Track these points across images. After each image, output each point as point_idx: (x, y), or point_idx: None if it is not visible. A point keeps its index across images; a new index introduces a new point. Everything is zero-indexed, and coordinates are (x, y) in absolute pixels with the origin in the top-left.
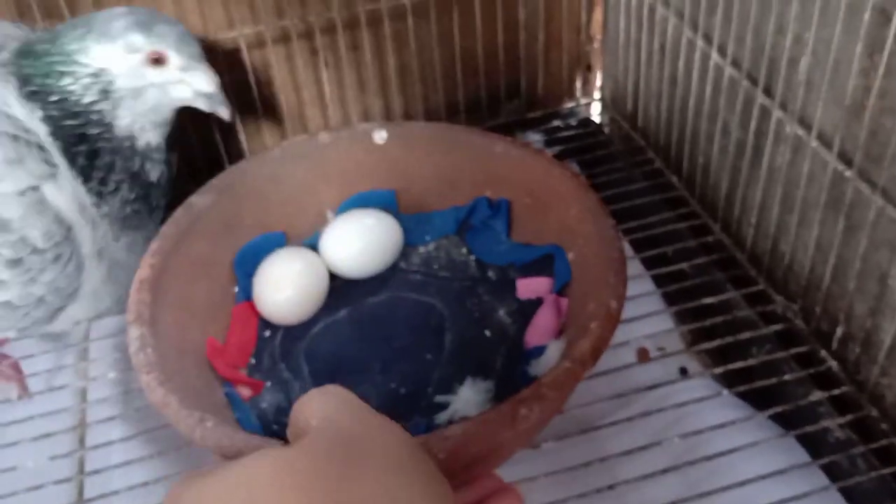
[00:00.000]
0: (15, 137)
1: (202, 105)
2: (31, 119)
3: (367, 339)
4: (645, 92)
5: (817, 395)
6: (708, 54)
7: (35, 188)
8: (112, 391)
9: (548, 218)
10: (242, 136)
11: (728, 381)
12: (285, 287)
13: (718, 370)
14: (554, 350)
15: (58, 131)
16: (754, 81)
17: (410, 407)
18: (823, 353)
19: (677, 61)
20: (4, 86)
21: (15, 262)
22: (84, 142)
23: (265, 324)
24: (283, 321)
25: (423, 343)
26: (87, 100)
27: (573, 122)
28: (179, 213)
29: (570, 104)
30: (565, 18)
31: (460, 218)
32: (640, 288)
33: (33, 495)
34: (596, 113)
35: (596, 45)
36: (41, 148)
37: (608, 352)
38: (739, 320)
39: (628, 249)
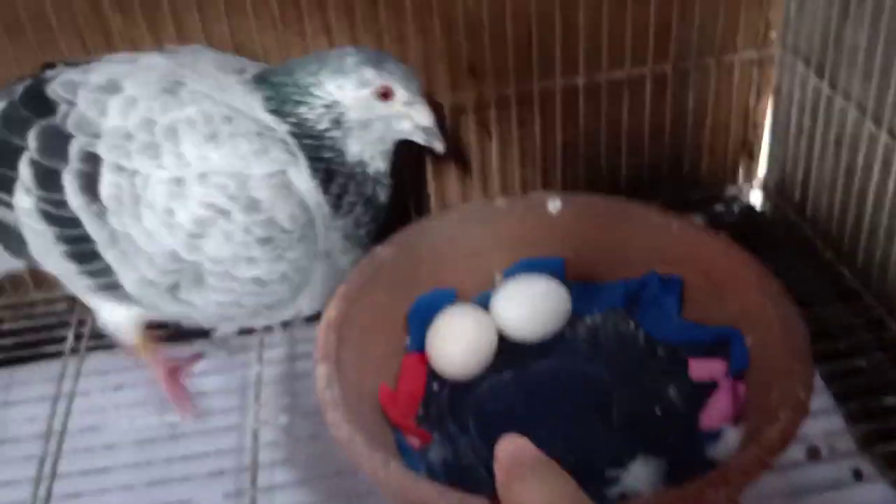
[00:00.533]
0: (259, 133)
1: (419, 138)
2: (276, 123)
3: (533, 403)
4: (816, 182)
5: None
6: (892, 149)
7: (282, 172)
8: (282, 435)
9: (724, 300)
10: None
11: None
12: (457, 342)
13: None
14: (731, 436)
15: (299, 143)
16: None
17: (577, 477)
18: None
19: (856, 153)
20: (252, 96)
21: (265, 240)
22: (322, 161)
23: (433, 377)
24: (452, 375)
25: (590, 414)
26: (320, 127)
27: (735, 207)
28: (365, 261)
29: (732, 189)
30: (734, 105)
31: (630, 292)
32: None
33: None
34: (758, 199)
35: (761, 132)
36: (284, 142)
37: None
38: None
39: None
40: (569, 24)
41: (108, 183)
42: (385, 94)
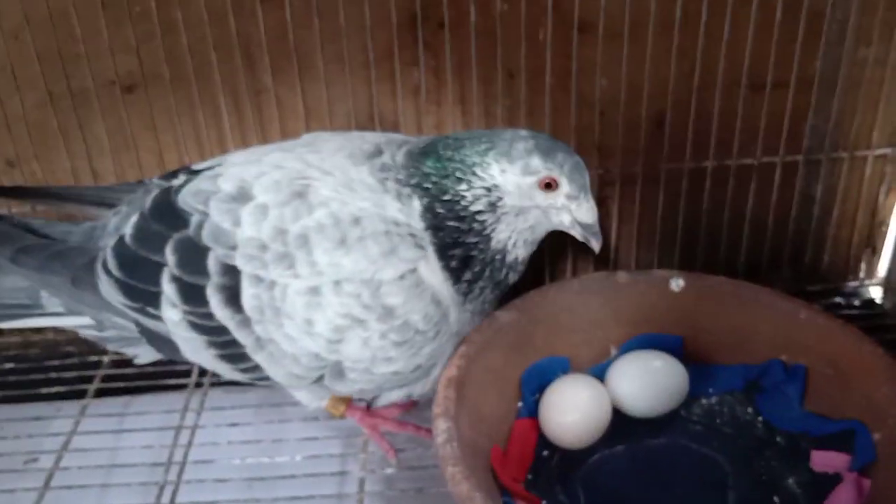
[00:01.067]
0: (387, 232)
1: (577, 233)
2: (408, 213)
3: (645, 481)
4: None
5: None
6: None
7: (412, 270)
8: (387, 487)
9: (850, 392)
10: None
11: None
12: (572, 411)
13: None
14: None
15: (437, 227)
16: None
17: None
18: None
19: None
20: (383, 192)
21: (401, 343)
22: (460, 247)
23: (544, 443)
24: (564, 444)
25: (705, 497)
26: (474, 208)
27: (855, 301)
28: (485, 324)
29: (852, 283)
30: (862, 200)
31: (750, 377)
32: None
33: None
34: (878, 295)
35: (885, 229)
36: (412, 235)
37: None
38: None
39: None
40: (703, 109)
41: (249, 295)
42: (549, 185)
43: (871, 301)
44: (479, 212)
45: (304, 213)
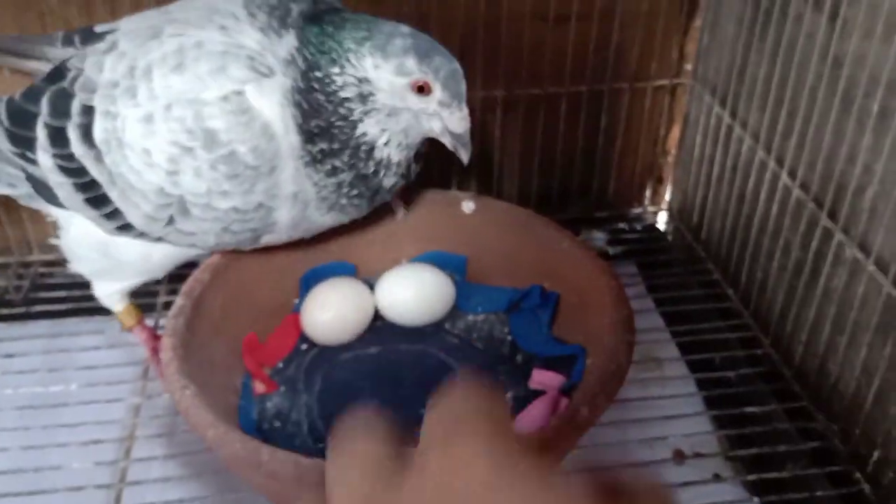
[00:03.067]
0: (223, 52)
1: (447, 142)
2: (268, 45)
3: (382, 378)
4: (712, 206)
5: None
6: (778, 176)
7: (238, 92)
8: (165, 410)
9: (586, 320)
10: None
11: (759, 490)
12: (328, 308)
13: (752, 477)
14: None
15: (302, 87)
16: (820, 204)
17: None
18: (858, 474)
19: (748, 180)
20: (248, 23)
21: (233, 176)
22: (319, 117)
23: (305, 339)
24: (318, 339)
25: (425, 398)
26: (343, 94)
27: (638, 226)
28: None
29: (637, 210)
30: (644, 130)
31: (513, 299)
32: (683, 389)
33: (73, 495)
34: (662, 222)
35: (670, 158)
36: (251, 58)
37: (644, 445)
38: (779, 432)
39: (675, 351)
40: (491, 41)
41: (99, 129)
42: (422, 89)
43: (653, 226)
44: (347, 99)
45: (154, 49)
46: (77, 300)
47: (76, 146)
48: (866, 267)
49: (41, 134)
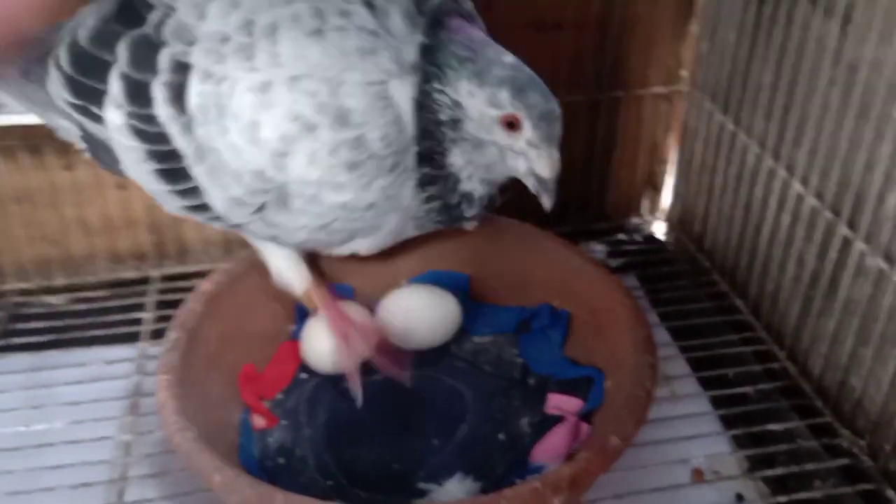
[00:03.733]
0: (374, 33)
1: (530, 184)
2: (408, 43)
3: (388, 407)
4: (715, 215)
5: None
6: (789, 184)
7: (383, 82)
8: (158, 448)
9: (601, 340)
10: None
11: None
12: (329, 336)
13: (781, 499)
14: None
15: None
16: (837, 213)
17: (395, 483)
18: (891, 492)
19: (754, 189)
20: (404, 15)
21: (353, 165)
22: (423, 138)
23: (305, 367)
24: (319, 368)
25: (437, 428)
26: (440, 116)
27: (638, 237)
28: None
29: (636, 220)
30: (642, 139)
31: (522, 319)
32: (696, 407)
33: None
34: (661, 231)
35: (666, 167)
36: (398, 49)
37: (662, 467)
38: (803, 450)
39: (685, 368)
40: None
41: (195, 92)
42: (512, 125)
43: (652, 236)
44: (442, 122)
45: (281, 4)
46: (57, 331)
47: (161, 107)
48: (891, 277)
49: (115, 86)
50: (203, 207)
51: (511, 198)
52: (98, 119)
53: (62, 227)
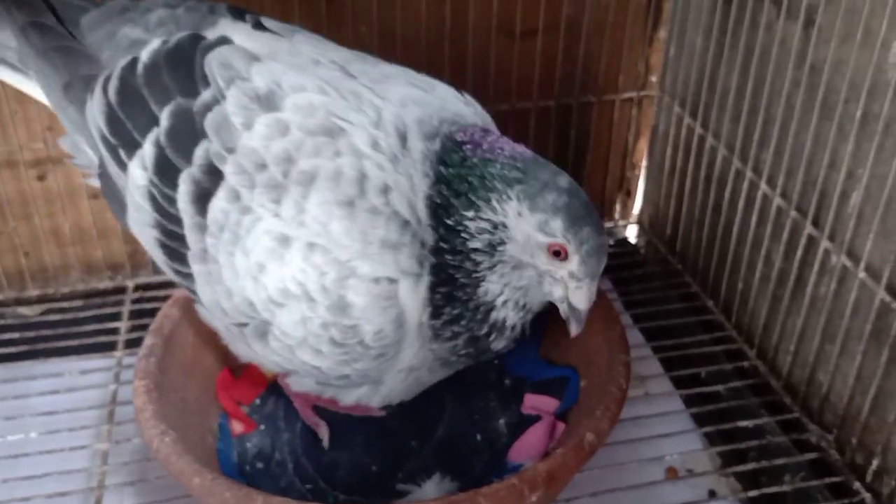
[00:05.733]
0: (405, 224)
1: (561, 309)
2: (431, 220)
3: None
4: (686, 218)
5: None
6: (756, 185)
7: (393, 281)
8: (134, 456)
9: (575, 341)
10: None
11: None
12: None
13: (752, 493)
14: None
15: (439, 256)
16: (803, 213)
17: (374, 485)
18: (857, 484)
19: (723, 190)
20: (422, 178)
21: (338, 344)
22: (447, 284)
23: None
24: None
25: (414, 430)
26: (472, 245)
27: (610, 241)
28: None
29: (608, 224)
30: (613, 143)
31: None
32: (669, 406)
33: None
34: (633, 235)
35: (638, 171)
36: (423, 245)
37: (637, 466)
38: (773, 446)
39: (658, 367)
40: (457, 56)
41: (218, 207)
42: (558, 254)
43: (625, 239)
44: (476, 250)
45: (327, 154)
46: (31, 342)
47: (182, 199)
48: (856, 274)
49: (149, 149)
50: (192, 290)
51: None
52: (123, 166)
53: (34, 238)
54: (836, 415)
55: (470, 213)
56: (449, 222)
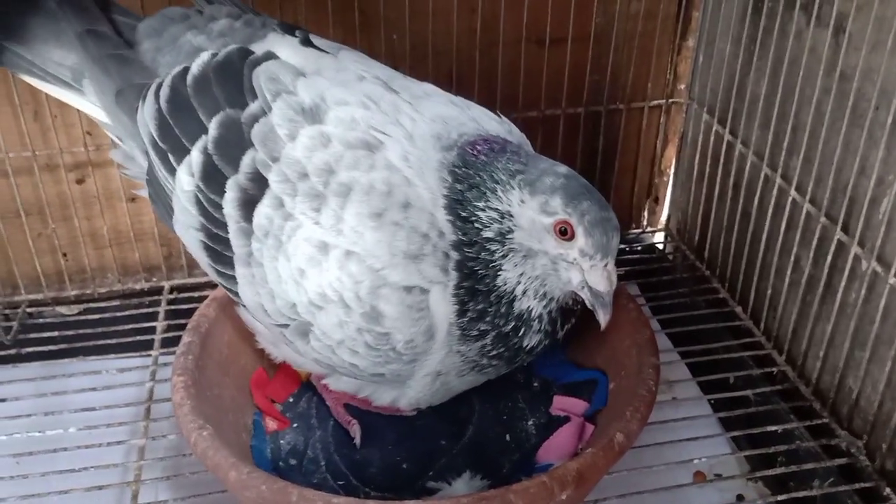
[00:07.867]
0: (425, 235)
1: (585, 297)
2: (449, 228)
3: (400, 415)
4: (714, 224)
5: None
6: (786, 191)
7: (424, 290)
8: (169, 452)
9: (604, 344)
10: None
11: None
12: None
13: (781, 498)
14: None
15: (460, 252)
16: (833, 219)
17: (405, 483)
18: (888, 490)
19: (752, 197)
20: (440, 184)
21: (373, 348)
22: (469, 278)
23: None
24: None
25: (444, 429)
26: (485, 234)
27: (638, 247)
28: None
29: (636, 231)
30: (641, 150)
31: None
32: (697, 410)
33: None
34: (660, 241)
35: (666, 178)
36: (446, 254)
37: (665, 469)
38: (802, 451)
39: (685, 372)
40: (488, 65)
41: (263, 213)
42: (564, 233)
43: (653, 246)
44: (488, 239)
45: (364, 162)
46: (69, 340)
47: (229, 204)
48: (887, 279)
49: (196, 156)
50: (234, 292)
51: None
52: (171, 171)
53: (73, 240)
54: (866, 420)
55: (481, 204)
56: (464, 214)
